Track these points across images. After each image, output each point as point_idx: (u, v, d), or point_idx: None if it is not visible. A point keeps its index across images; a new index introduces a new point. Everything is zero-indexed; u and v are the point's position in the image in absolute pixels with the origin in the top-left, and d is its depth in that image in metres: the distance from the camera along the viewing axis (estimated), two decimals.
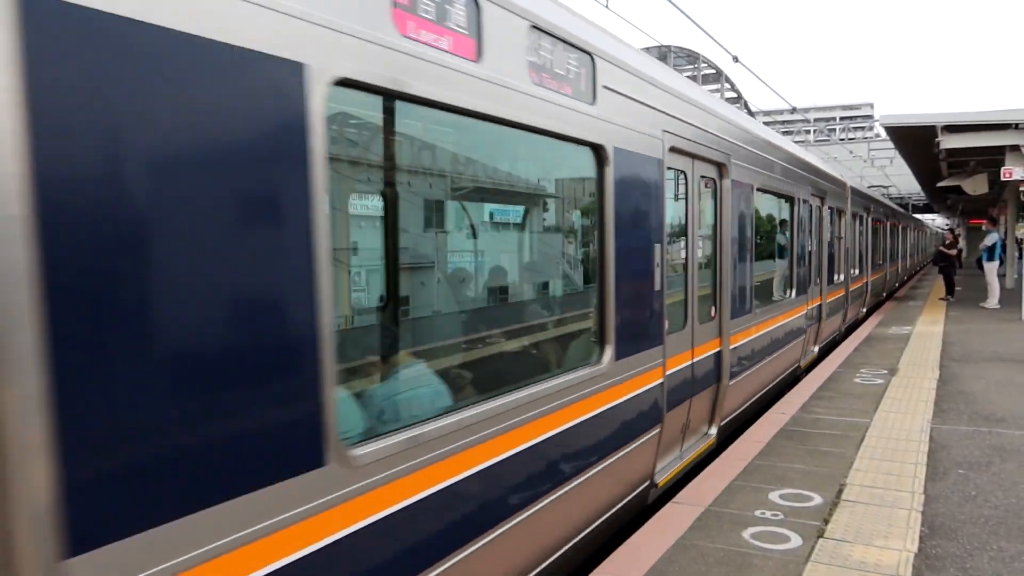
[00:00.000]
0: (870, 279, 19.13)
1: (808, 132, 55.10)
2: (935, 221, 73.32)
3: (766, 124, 13.03)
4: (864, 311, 18.29)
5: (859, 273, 17.23)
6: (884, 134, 23.99)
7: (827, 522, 4.84)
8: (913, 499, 5.27)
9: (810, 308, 11.18)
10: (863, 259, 18.01)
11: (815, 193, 11.66)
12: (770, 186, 8.74)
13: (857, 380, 9.61)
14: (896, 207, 30.51)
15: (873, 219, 19.89)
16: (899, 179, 42.05)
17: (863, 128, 74.37)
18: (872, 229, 19.68)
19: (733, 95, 24.66)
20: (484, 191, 5.06)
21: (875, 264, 20.46)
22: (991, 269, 19.30)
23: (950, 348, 12.24)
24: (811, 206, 11.36)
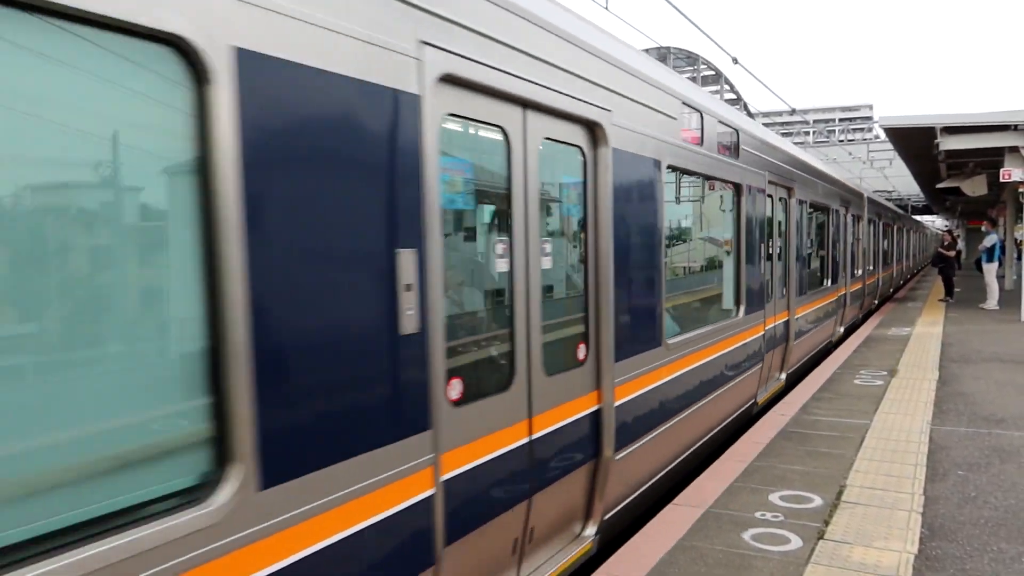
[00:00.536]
0: (881, 275, 21.86)
1: (807, 134, 55.11)
2: (935, 223, 73.37)
3: (765, 125, 14.08)
4: (876, 303, 20.95)
5: (873, 269, 20.03)
6: (883, 135, 24.01)
7: (827, 523, 4.85)
8: (913, 500, 5.27)
9: (839, 296, 14.35)
10: (876, 257, 20.65)
11: (842, 203, 14.70)
12: (816, 200, 12.05)
13: (857, 381, 9.62)
14: (902, 212, 33.69)
15: (883, 223, 22.52)
16: (898, 180, 42.06)
17: (862, 129, 74.38)
18: (883, 231, 22.45)
19: (732, 96, 24.67)
20: (700, 215, 8.23)
21: (885, 262, 23.27)
22: (990, 270, 19.32)
23: (949, 349, 12.25)
24: (839, 214, 14.37)
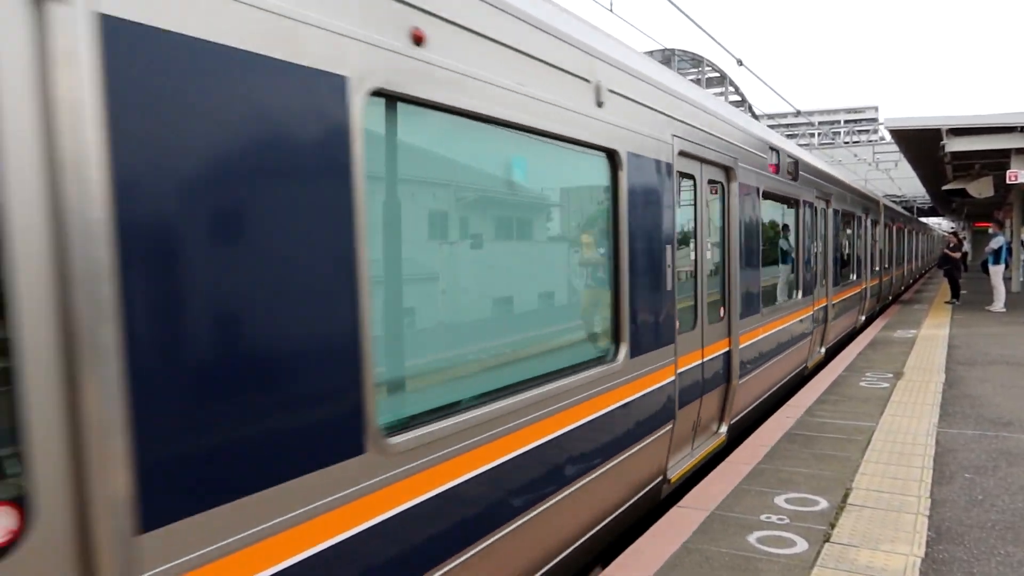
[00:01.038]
0: (894, 273, 24.29)
1: (812, 135, 55.02)
2: (941, 225, 73.18)
3: (770, 127, 14.38)
4: (890, 298, 23.21)
5: (888, 268, 22.24)
6: (889, 137, 23.96)
7: (833, 526, 4.82)
8: (919, 503, 5.24)
9: (862, 289, 16.70)
10: (890, 257, 22.97)
11: (863, 210, 16.98)
12: (845, 208, 14.44)
13: (863, 384, 9.58)
14: (911, 216, 37.77)
15: (896, 226, 25.07)
16: (904, 182, 41.95)
17: (868, 131, 74.20)
18: (895, 234, 24.88)
19: (737, 98, 24.64)
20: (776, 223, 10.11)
21: (898, 262, 25.82)
22: (996, 272, 19.23)
23: (956, 351, 12.20)
24: (862, 219, 16.71)
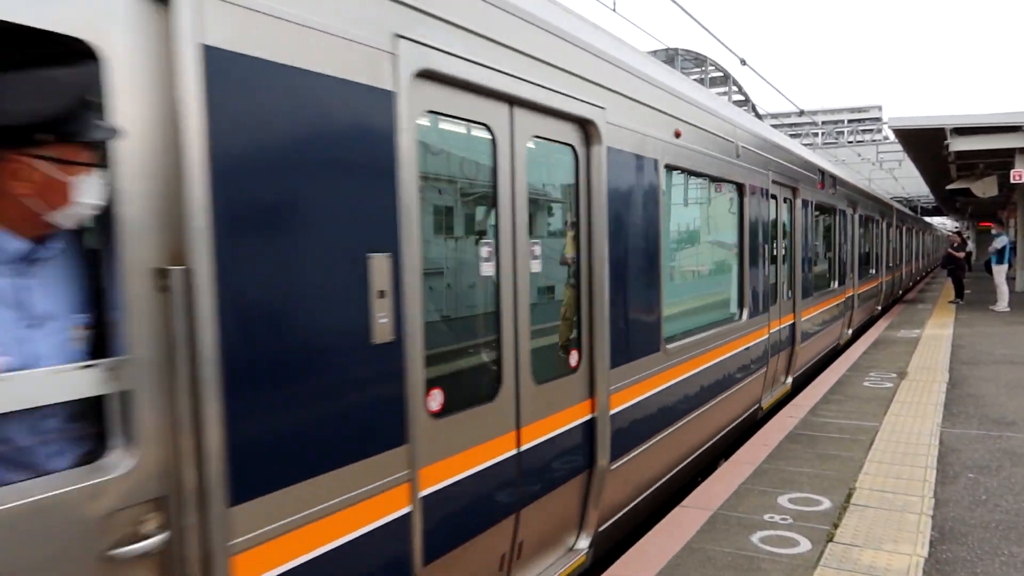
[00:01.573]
0: (904, 270, 26.70)
1: (816, 135, 54.96)
2: (946, 225, 73.05)
3: (774, 127, 14.62)
4: (901, 292, 25.69)
5: (899, 265, 24.74)
6: (892, 136, 23.92)
7: (836, 526, 4.82)
8: (923, 503, 5.24)
9: (879, 283, 19.05)
10: (901, 255, 25.48)
11: (880, 214, 19.40)
12: (867, 214, 16.78)
13: (866, 383, 9.57)
14: (919, 218, 40.71)
15: (906, 227, 27.63)
16: (908, 182, 41.92)
17: (871, 131, 74.11)
18: (905, 235, 27.43)
19: (741, 98, 24.63)
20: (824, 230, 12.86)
21: (907, 260, 28.45)
22: (999, 272, 19.19)
23: (959, 351, 12.18)
24: (879, 222, 19.04)
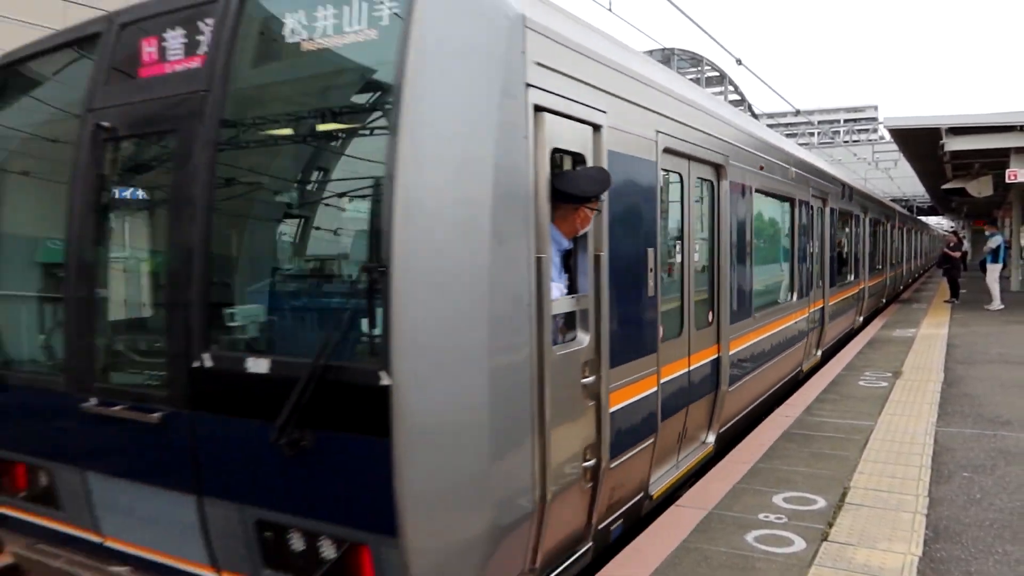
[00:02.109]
0: (905, 267, 28.74)
1: (812, 135, 54.98)
2: (942, 224, 73.16)
3: (770, 127, 14.97)
4: (901, 287, 27.50)
5: (901, 262, 26.77)
6: (888, 136, 23.99)
7: (831, 525, 4.82)
8: (917, 502, 5.24)
9: (885, 277, 20.77)
10: (903, 253, 27.44)
11: (886, 217, 21.29)
12: (875, 216, 18.44)
13: (861, 383, 9.58)
14: (919, 219, 44.31)
15: (907, 228, 29.64)
16: (903, 181, 41.93)
17: (867, 130, 74.11)
18: (907, 235, 29.57)
19: (737, 97, 24.65)
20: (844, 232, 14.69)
21: (908, 258, 30.48)
22: (993, 271, 19.24)
23: (955, 351, 12.21)
24: (885, 224, 20.94)
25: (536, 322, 3.49)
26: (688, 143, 5.69)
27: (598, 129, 4.14)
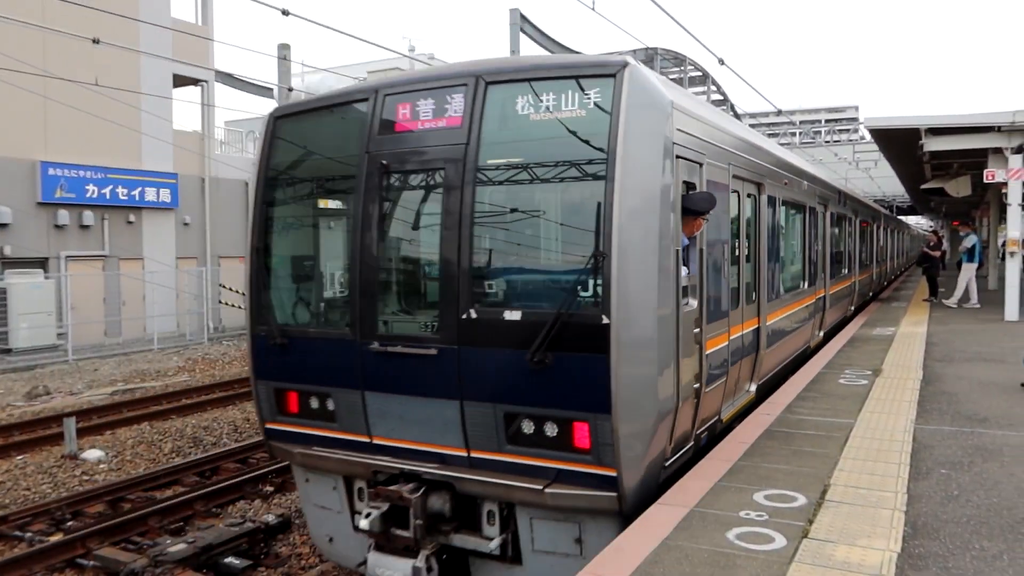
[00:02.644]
0: (889, 264, 31.13)
1: (794, 135, 55.32)
2: (921, 224, 73.82)
3: (752, 126, 15.15)
4: (886, 283, 29.61)
5: (886, 259, 29.12)
6: (869, 136, 24.17)
7: (811, 522, 4.86)
8: (896, 499, 5.30)
9: (871, 273, 22.39)
10: (889, 252, 30.25)
11: (873, 218, 23.05)
12: (865, 219, 20.32)
13: (841, 381, 9.66)
14: (902, 220, 47.60)
15: (891, 229, 31.96)
16: (884, 181, 42.31)
17: (848, 131, 74.66)
18: (892, 235, 32.24)
19: (719, 97, 24.74)
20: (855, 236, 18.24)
21: (892, 256, 33.27)
22: (967, 270, 19.44)
23: (933, 349, 12.33)
24: (875, 225, 23.14)
25: (676, 290, 5.54)
26: (744, 169, 7.74)
27: (702, 165, 6.20)
